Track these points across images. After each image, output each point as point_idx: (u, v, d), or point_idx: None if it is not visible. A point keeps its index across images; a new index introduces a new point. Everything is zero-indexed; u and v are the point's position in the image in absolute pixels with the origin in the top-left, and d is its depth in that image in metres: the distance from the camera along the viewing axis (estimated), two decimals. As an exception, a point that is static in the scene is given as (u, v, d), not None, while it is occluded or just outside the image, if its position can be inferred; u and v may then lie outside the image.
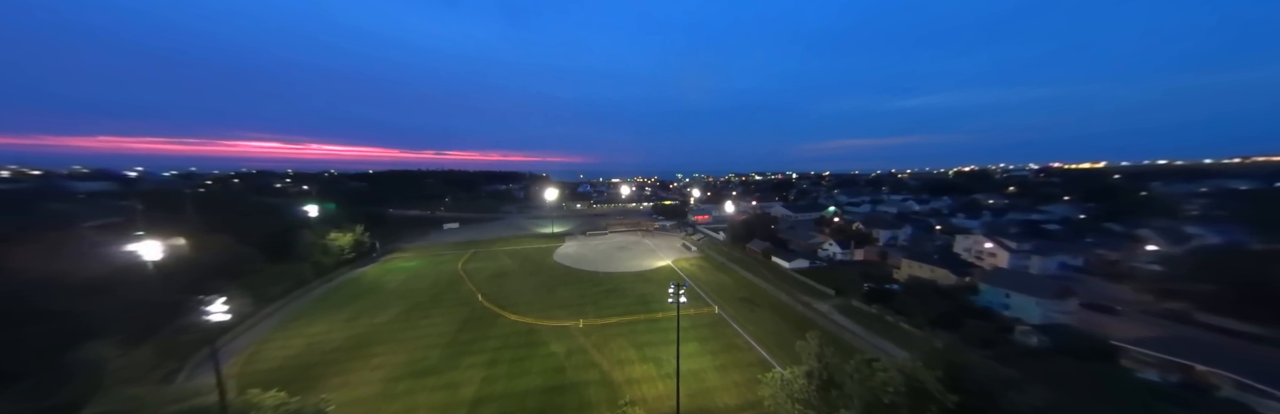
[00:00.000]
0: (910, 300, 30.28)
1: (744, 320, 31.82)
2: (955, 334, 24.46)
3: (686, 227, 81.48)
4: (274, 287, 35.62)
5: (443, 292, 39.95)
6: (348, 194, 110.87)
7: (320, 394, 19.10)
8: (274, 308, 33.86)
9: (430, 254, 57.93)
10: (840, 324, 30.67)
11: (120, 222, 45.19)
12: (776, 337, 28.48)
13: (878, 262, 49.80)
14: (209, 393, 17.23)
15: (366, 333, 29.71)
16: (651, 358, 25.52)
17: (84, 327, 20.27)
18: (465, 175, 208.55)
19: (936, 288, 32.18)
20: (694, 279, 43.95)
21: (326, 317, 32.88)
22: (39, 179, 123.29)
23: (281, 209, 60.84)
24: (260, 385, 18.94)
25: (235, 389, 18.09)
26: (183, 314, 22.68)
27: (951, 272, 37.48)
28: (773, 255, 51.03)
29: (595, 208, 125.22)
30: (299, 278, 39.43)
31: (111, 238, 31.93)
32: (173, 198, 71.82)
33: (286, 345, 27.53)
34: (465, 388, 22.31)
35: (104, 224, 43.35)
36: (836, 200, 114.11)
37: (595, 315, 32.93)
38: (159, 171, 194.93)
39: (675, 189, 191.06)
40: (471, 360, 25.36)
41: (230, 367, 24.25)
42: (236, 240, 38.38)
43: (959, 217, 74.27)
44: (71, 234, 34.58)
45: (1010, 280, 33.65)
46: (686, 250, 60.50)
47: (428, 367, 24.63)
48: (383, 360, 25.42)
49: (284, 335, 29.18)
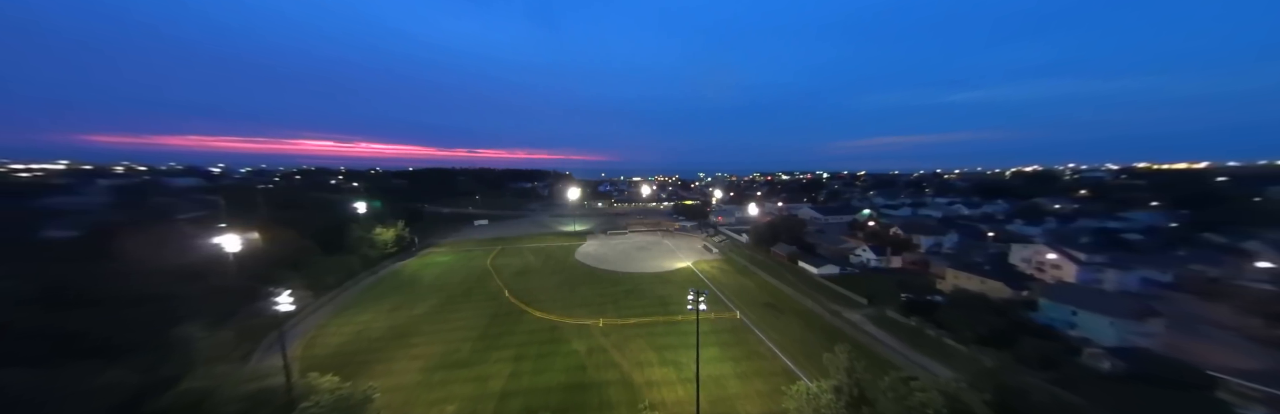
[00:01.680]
0: (955, 314, 27.85)
1: (768, 327, 30.90)
2: (1008, 353, 22.26)
3: (708, 227, 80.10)
4: (329, 277, 39.32)
5: (473, 286, 42.21)
6: (390, 191, 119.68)
7: (368, 381, 20.87)
8: (328, 297, 37.39)
9: (462, 249, 61.32)
10: (873, 336, 28.90)
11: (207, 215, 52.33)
12: (802, 346, 27.41)
13: (918, 270, 46.20)
14: (276, 374, 19.45)
15: (406, 323, 32.09)
16: (671, 361, 25.48)
17: (181, 308, 23.56)
18: (493, 174, 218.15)
19: (987, 301, 29.36)
20: (715, 282, 43.25)
21: (372, 307, 35.86)
22: (147, 175, 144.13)
23: (335, 205, 66.93)
24: (317, 369, 21.07)
25: (297, 372, 20.14)
26: (256, 300, 25.82)
27: (1006, 284, 33.96)
28: (800, 260, 48.98)
29: (616, 207, 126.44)
30: (349, 270, 43.22)
31: (201, 230, 36.93)
32: (247, 194, 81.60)
33: (339, 332, 30.37)
34: (494, 381, 23.49)
35: (195, 217, 50.40)
36: (872, 203, 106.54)
37: (615, 315, 33.36)
38: (236, 168, 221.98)
39: (697, 189, 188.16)
40: (499, 355, 26.62)
41: (292, 350, 27.05)
42: (298, 234, 42.84)
43: (1016, 223, 66.52)
44: (171, 226, 40.48)
45: (1078, 296, 29.96)
46: (707, 252, 59.59)
47: (460, 359, 26.18)
48: (421, 351, 27.34)
49: (337, 323, 32.19)
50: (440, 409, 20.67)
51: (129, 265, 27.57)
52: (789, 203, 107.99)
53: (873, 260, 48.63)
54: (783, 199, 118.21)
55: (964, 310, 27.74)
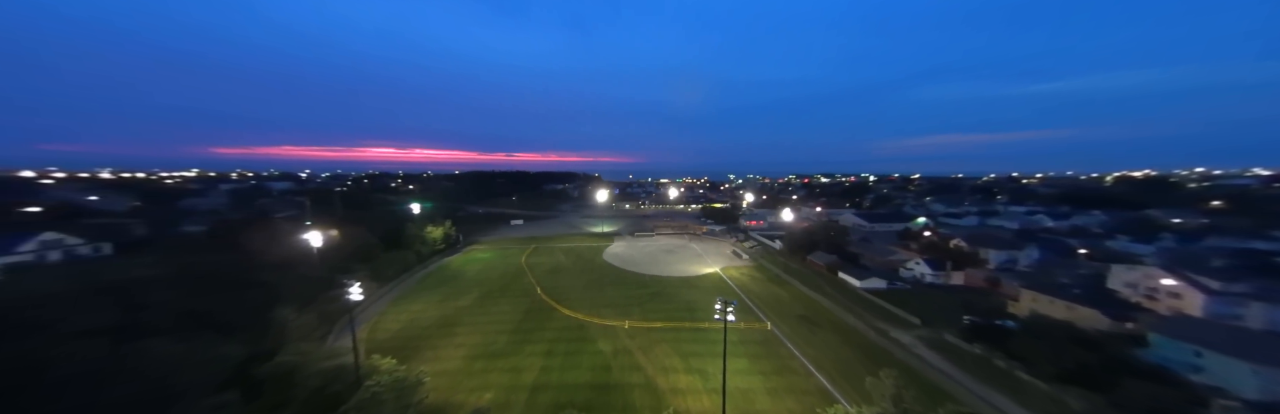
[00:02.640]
0: (1033, 343, 24.06)
1: (802, 341, 29.11)
2: (1104, 397, 18.75)
3: (737, 232, 77.39)
4: (389, 270, 44.09)
5: (509, 282, 44.79)
6: (439, 193, 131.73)
7: (419, 366, 23.08)
8: (388, 288, 41.89)
9: (500, 247, 65.35)
10: (927, 361, 25.96)
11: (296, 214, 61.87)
12: (840, 364, 25.48)
13: (985, 289, 40.62)
14: (347, 354, 22.24)
15: (452, 314, 34.94)
16: (696, 369, 24.99)
17: (277, 294, 27.93)
18: (528, 176, 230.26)
19: (1075, 332, 24.97)
20: (745, 290, 41.63)
21: (424, 298, 39.53)
22: (253, 180, 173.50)
23: (395, 206, 75.15)
24: (379, 352, 23.78)
25: (362, 354, 22.85)
26: (332, 288, 29.81)
27: (1103, 313, 28.71)
28: (840, 271, 45.47)
29: (643, 209, 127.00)
30: (405, 264, 48.07)
31: (292, 227, 43.77)
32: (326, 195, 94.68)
33: (397, 319, 33.89)
34: (526, 374, 24.72)
35: (288, 216, 59.80)
36: (929, 209, 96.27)
37: (641, 318, 33.46)
38: (318, 173, 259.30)
39: (726, 191, 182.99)
40: (531, 349, 27.96)
41: (359, 333, 30.70)
42: (365, 231, 48.75)
43: (1119, 239, 56.06)
44: (271, 223, 48.27)
45: (1207, 334, 24.50)
46: (737, 258, 57.56)
47: (497, 350, 27.92)
48: (463, 340, 29.59)
49: (395, 311, 35.94)
50: (479, 396, 22.17)
51: (240, 256, 33.35)
52: (829, 208, 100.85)
53: (928, 275, 43.72)
54: (821, 203, 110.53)
55: (1044, 340, 23.84)
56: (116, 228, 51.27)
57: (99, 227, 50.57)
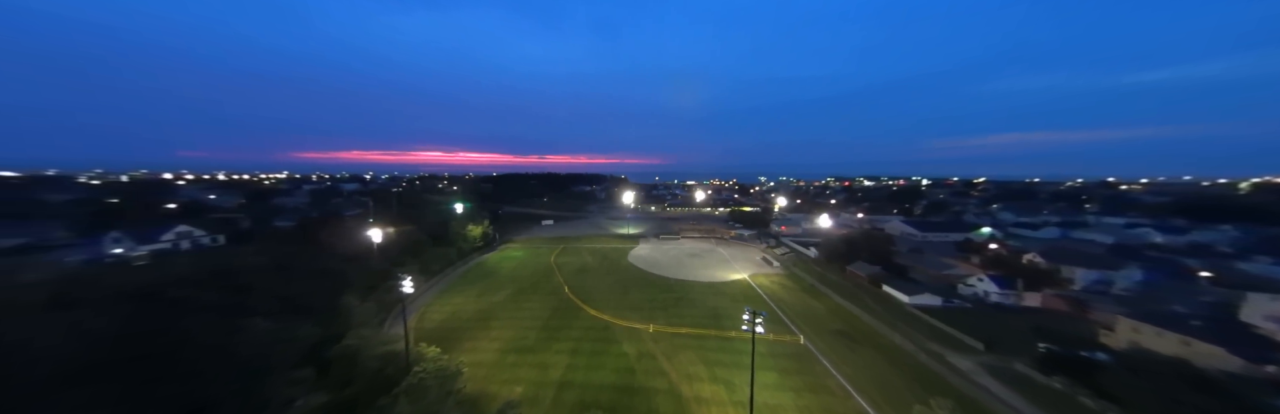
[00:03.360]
0: (1134, 381, 20.28)
1: (839, 359, 27.19)
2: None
3: (768, 237, 74.13)
4: (435, 265, 48.24)
5: (540, 281, 46.81)
6: (479, 194, 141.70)
7: (459, 356, 24.94)
8: (434, 281, 45.74)
9: (531, 246, 68.57)
10: (991, 392, 22.97)
11: (361, 212, 70.21)
12: (882, 387, 23.47)
13: (1067, 314, 35.02)
14: (398, 341, 24.68)
15: (487, 309, 37.32)
16: (722, 379, 24.37)
17: (345, 283, 31.82)
18: (558, 177, 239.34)
19: (1194, 372, 20.64)
20: (776, 300, 39.75)
21: (464, 292, 42.65)
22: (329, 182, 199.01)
23: (441, 205, 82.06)
24: (425, 341, 26.05)
25: (412, 341, 25.23)
26: (388, 280, 33.35)
27: (1233, 351, 23.41)
28: (885, 284, 41.81)
29: (669, 211, 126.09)
30: (449, 259, 52.27)
31: (358, 224, 49.65)
32: (385, 196, 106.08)
33: (440, 311, 36.92)
34: (553, 371, 25.66)
35: (355, 214, 68.04)
36: (996, 218, 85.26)
37: (665, 322, 33.29)
38: (380, 175, 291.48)
39: (756, 194, 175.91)
40: (558, 346, 28.98)
41: (409, 322, 34.03)
42: (417, 228, 53.85)
43: (1258, 260, 45.43)
44: (341, 220, 55.24)
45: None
46: (767, 265, 55.14)
47: (527, 345, 29.30)
48: (497, 334, 31.46)
49: (439, 303, 39.18)
50: (510, 389, 23.42)
51: (318, 248, 38.55)
52: (872, 214, 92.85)
53: (994, 294, 38.53)
54: (864, 209, 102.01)
55: (1150, 379, 19.98)
56: (228, 222, 61.65)
57: (216, 220, 61.13)
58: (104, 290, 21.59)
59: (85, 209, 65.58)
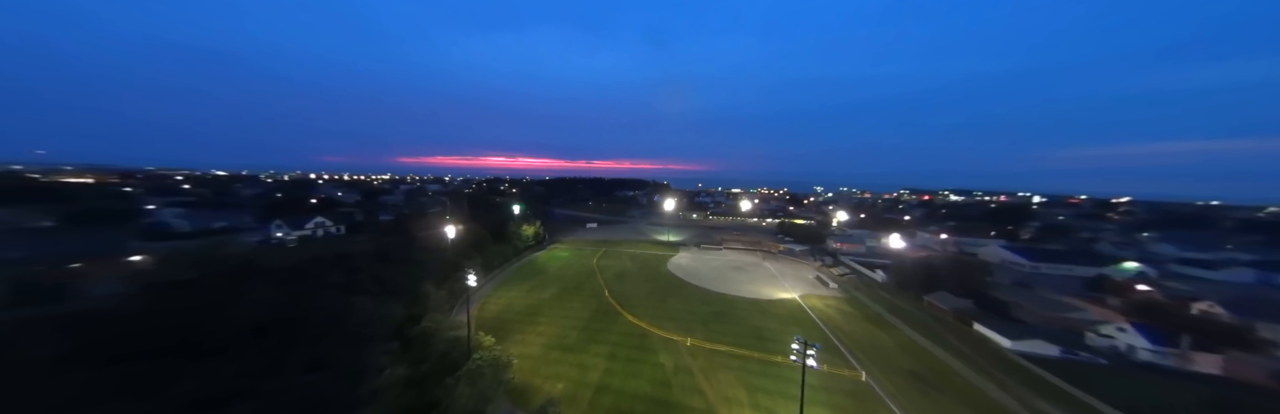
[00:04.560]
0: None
1: (909, 404, 23.48)
2: None
3: (823, 255, 67.44)
4: (494, 260, 53.84)
5: (583, 281, 49.02)
6: (533, 196, 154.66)
7: (510, 347, 27.36)
8: (492, 276, 50.92)
9: (576, 248, 72.20)
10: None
11: (440, 210, 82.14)
12: (971, 447, 19.40)
13: (1264, 388, 25.35)
14: (461, 328, 27.91)
15: (536, 304, 40.22)
16: (764, 408, 22.73)
17: (425, 271, 37.34)
18: (603, 182, 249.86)
19: None
20: (832, 326, 35.86)
21: (516, 287, 46.64)
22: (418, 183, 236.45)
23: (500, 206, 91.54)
24: (483, 330, 29.05)
25: (473, 329, 28.37)
26: (457, 271, 38.26)
27: None
28: (976, 321, 35.09)
29: (711, 219, 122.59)
30: (505, 256, 57.90)
31: (437, 220, 58.04)
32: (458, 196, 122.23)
33: (496, 303, 40.88)
34: (592, 372, 26.49)
35: (435, 211, 79.89)
36: (1149, 251, 66.53)
37: (703, 337, 32.27)
38: (456, 178, 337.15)
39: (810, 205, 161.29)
40: (597, 349, 29.90)
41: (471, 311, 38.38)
42: (481, 226, 60.87)
43: None
44: (425, 217, 65.20)
45: None
46: (821, 285, 50.04)
47: (568, 344, 30.78)
48: (543, 329, 33.66)
49: (496, 296, 43.39)
50: (552, 385, 24.79)
51: (408, 239, 45.99)
52: (961, 235, 78.36)
53: (1143, 350, 29.68)
54: (949, 229, 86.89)
55: None
56: (348, 215, 76.82)
57: (340, 214, 76.64)
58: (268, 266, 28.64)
59: (262, 202, 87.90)
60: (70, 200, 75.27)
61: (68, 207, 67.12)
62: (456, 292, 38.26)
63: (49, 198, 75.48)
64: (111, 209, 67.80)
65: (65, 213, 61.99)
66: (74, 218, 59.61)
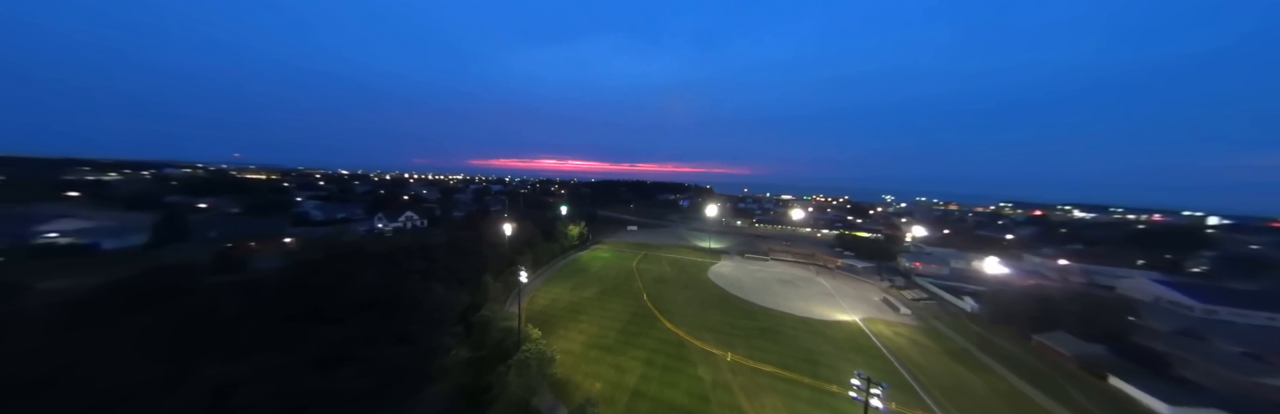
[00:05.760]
0: None
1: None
2: None
3: (893, 274, 59.27)
4: (543, 257, 57.88)
5: (622, 284, 49.97)
6: (578, 197, 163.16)
7: (554, 342, 29.00)
8: (540, 272, 54.66)
9: (617, 250, 73.98)
10: None
11: (500, 208, 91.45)
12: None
13: None
14: (513, 319, 30.41)
15: (578, 302, 42.06)
16: (815, 442, 20.48)
17: (486, 264, 41.72)
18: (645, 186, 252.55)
19: None
20: (903, 359, 31.22)
21: (562, 284, 49.35)
22: (483, 183, 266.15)
23: (550, 207, 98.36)
24: (532, 322, 31.23)
25: (523, 321, 30.75)
26: (511, 266, 41.98)
27: None
28: (1113, 374, 27.64)
29: (757, 227, 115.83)
30: (553, 254, 61.86)
31: (498, 218, 64.60)
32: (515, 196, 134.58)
33: (543, 298, 43.70)
34: (629, 375, 26.74)
35: (496, 210, 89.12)
36: None
37: (746, 353, 30.60)
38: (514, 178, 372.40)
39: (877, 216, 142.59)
40: (634, 352, 30.14)
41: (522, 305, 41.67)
42: (533, 225, 66.07)
43: None
44: (489, 214, 72.98)
45: None
46: (889, 309, 43.95)
47: (607, 344, 31.53)
48: (584, 327, 34.99)
49: (543, 291, 46.41)
50: (591, 384, 25.61)
51: (474, 234, 51.93)
52: (1090, 261, 62.27)
53: None
54: (1074, 254, 69.31)
55: None
56: (429, 211, 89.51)
57: (424, 209, 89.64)
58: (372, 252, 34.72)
59: (370, 197, 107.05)
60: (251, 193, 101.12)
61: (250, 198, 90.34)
62: (510, 284, 41.88)
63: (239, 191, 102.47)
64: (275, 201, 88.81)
65: (248, 203, 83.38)
66: (253, 207, 79.51)
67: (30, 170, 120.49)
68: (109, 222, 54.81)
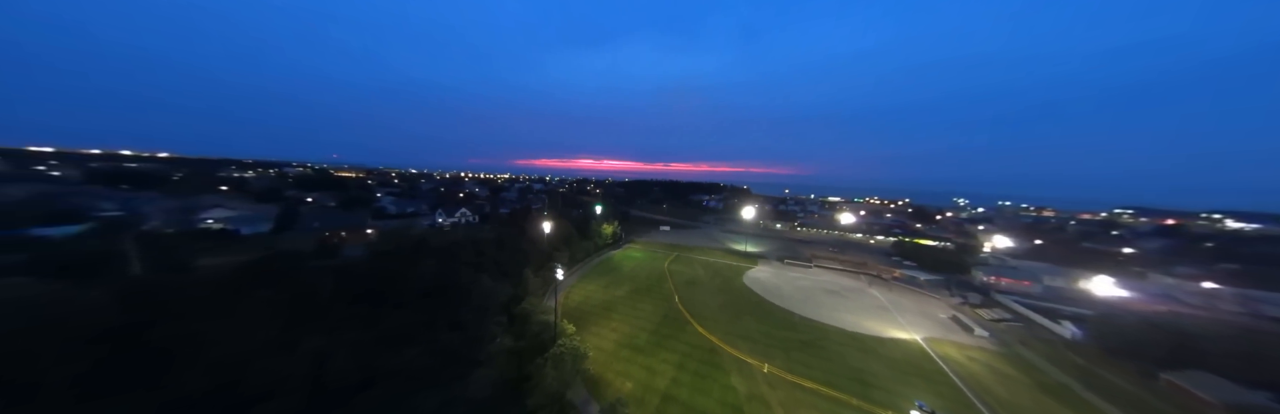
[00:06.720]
0: None
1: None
2: None
3: (965, 289, 51.76)
4: (578, 254, 60.05)
5: (654, 284, 49.96)
6: (613, 197, 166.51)
7: (587, 338, 29.90)
8: (575, 269, 56.71)
9: (650, 249, 74.11)
10: None
11: (541, 207, 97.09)
12: None
13: None
14: (550, 314, 31.95)
15: (610, 300, 42.95)
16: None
17: (527, 259, 44.45)
18: (679, 185, 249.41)
19: None
20: (979, 390, 26.95)
21: (595, 281, 50.79)
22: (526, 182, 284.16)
23: (586, 206, 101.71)
24: (567, 317, 32.55)
25: (559, 316, 32.19)
26: (548, 262, 44.21)
27: None
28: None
29: (800, 232, 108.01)
30: (587, 251, 63.88)
31: (537, 215, 68.53)
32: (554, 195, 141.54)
33: (577, 295, 45.36)
34: (659, 378, 26.61)
35: (537, 207, 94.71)
36: None
37: (783, 366, 28.82)
38: (554, 178, 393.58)
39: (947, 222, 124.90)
40: (665, 355, 29.94)
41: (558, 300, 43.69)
42: (569, 223, 68.89)
43: None
44: (530, 212, 77.76)
45: None
46: (961, 329, 38.40)
47: (638, 345, 31.73)
48: (616, 326, 35.59)
49: (577, 288, 48.14)
50: (622, 382, 25.93)
51: (518, 231, 55.71)
52: (1249, 285, 48.62)
53: None
54: (1224, 274, 54.99)
55: None
56: (480, 207, 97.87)
57: (476, 206, 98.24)
58: (433, 245, 38.89)
59: (433, 194, 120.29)
60: (343, 189, 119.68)
61: (342, 193, 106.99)
62: (547, 280, 44.02)
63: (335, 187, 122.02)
64: (360, 196, 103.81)
65: (341, 198, 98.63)
66: (344, 201, 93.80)
67: (197, 168, 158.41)
68: (247, 211, 68.50)
